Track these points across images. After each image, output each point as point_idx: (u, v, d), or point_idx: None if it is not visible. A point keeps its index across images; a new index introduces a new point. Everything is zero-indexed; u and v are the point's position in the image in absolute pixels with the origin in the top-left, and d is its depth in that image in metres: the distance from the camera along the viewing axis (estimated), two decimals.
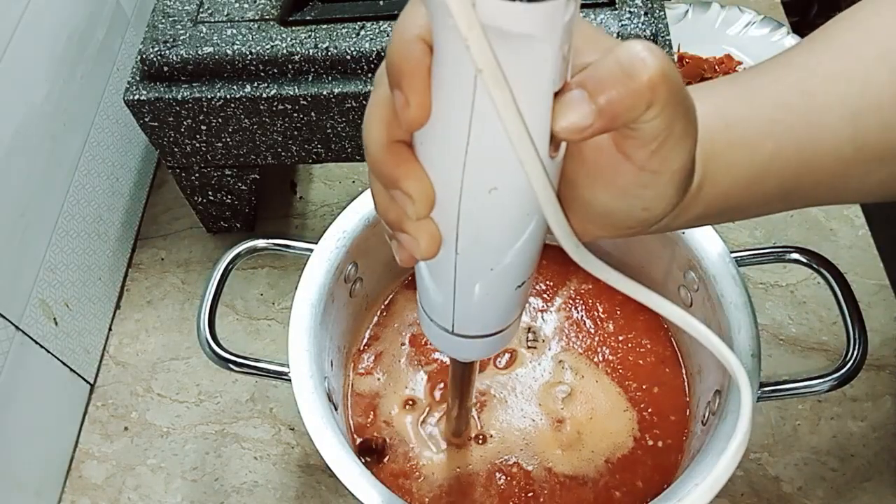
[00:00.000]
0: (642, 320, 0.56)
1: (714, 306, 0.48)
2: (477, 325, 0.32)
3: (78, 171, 0.61)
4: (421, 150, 0.24)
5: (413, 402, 0.54)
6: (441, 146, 0.24)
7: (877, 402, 0.58)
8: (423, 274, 0.31)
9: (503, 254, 0.27)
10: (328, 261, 0.50)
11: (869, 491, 0.54)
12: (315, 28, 0.54)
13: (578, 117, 0.22)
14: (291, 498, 0.56)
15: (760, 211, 0.33)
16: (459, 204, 0.25)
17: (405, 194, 0.24)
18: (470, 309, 0.31)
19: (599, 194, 0.26)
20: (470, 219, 0.25)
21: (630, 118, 0.23)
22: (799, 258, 0.50)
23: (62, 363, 0.58)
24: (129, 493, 0.58)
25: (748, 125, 0.30)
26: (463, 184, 0.24)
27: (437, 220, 0.26)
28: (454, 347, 0.34)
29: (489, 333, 0.33)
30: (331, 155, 0.59)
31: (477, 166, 0.24)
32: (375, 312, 0.58)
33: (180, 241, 0.70)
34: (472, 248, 0.27)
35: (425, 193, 0.24)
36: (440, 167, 0.24)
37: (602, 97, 0.22)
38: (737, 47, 0.78)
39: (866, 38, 0.31)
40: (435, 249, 0.26)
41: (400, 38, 0.22)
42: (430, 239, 0.26)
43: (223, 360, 0.48)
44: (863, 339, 0.46)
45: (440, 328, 0.33)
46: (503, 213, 0.25)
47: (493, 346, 0.33)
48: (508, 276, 0.29)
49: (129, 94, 0.55)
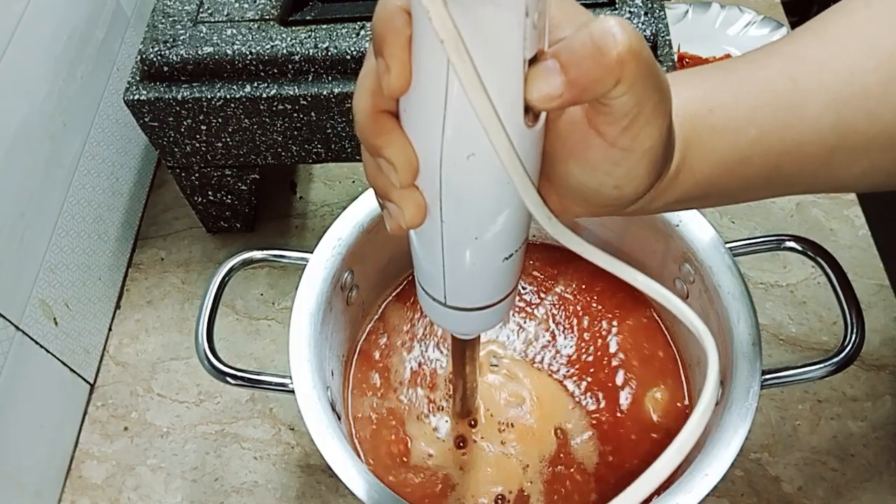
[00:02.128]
0: (642, 321, 0.56)
1: (711, 297, 0.49)
2: (468, 296, 0.33)
3: (78, 171, 0.61)
4: (404, 118, 0.25)
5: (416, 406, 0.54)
6: (421, 113, 0.24)
7: (877, 402, 0.58)
8: (415, 244, 0.31)
9: (487, 222, 0.28)
10: (325, 269, 0.50)
11: (869, 491, 0.54)
12: (315, 28, 0.54)
13: (549, 87, 0.23)
14: (292, 498, 0.56)
15: (742, 196, 0.33)
16: (440, 171, 0.25)
17: (388, 162, 0.25)
18: (460, 280, 0.31)
19: (573, 168, 0.27)
20: (451, 186, 0.26)
21: (598, 92, 0.23)
22: (794, 246, 0.50)
23: (62, 363, 0.58)
24: (128, 493, 0.58)
25: (732, 111, 0.30)
26: (443, 150, 0.25)
27: (421, 188, 0.27)
28: (448, 320, 0.34)
29: (481, 306, 0.33)
30: (331, 155, 0.59)
31: (454, 133, 0.24)
32: (371, 319, 0.58)
33: (180, 241, 0.70)
34: (456, 217, 0.27)
35: (408, 161, 0.25)
36: (422, 134, 0.25)
37: (573, 69, 0.22)
38: (737, 47, 0.78)
39: (856, 28, 0.31)
40: (420, 218, 0.27)
41: (384, 8, 0.23)
42: (415, 207, 0.27)
43: (222, 374, 0.47)
44: (860, 325, 0.46)
45: (434, 300, 0.33)
46: (482, 179, 0.26)
47: (487, 320, 0.34)
48: (494, 246, 0.29)
49: (129, 94, 0.55)
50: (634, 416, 0.53)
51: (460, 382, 0.46)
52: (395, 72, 0.23)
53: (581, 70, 0.22)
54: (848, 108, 0.30)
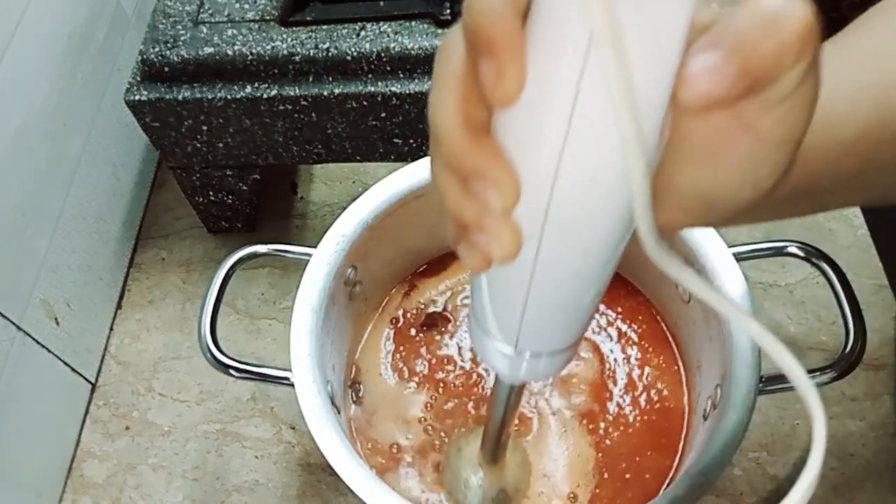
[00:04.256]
0: (641, 321, 0.57)
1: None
2: (546, 340, 0.28)
3: (79, 171, 0.61)
4: (504, 133, 0.21)
5: None
6: (533, 128, 0.20)
7: (876, 402, 0.58)
8: (487, 282, 0.27)
9: (591, 256, 0.24)
10: (328, 264, 0.50)
11: (868, 490, 0.55)
12: (315, 28, 0.54)
13: (714, 83, 0.19)
14: (292, 497, 0.57)
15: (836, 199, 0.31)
16: (550, 198, 0.21)
17: (492, 185, 0.21)
18: (542, 322, 0.27)
19: (703, 174, 0.23)
20: (560, 214, 0.22)
21: (775, 77, 0.20)
22: (796, 252, 0.50)
23: (63, 363, 0.58)
24: (130, 493, 0.58)
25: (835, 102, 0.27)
26: (558, 172, 0.21)
27: (517, 217, 0.22)
28: (513, 367, 0.29)
29: (557, 350, 0.29)
30: (331, 155, 0.60)
31: (577, 152, 0.20)
32: (375, 314, 0.58)
33: (181, 241, 0.70)
34: (556, 249, 0.23)
35: (515, 182, 0.21)
36: (530, 153, 0.21)
37: (745, 55, 0.19)
38: None
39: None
40: (518, 248, 0.23)
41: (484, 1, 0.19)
42: (513, 237, 0.22)
43: (225, 367, 0.48)
44: (862, 331, 0.46)
45: (500, 344, 0.28)
46: (599, 206, 0.22)
47: (556, 364, 0.29)
48: (590, 281, 0.25)
49: (130, 95, 0.55)
50: (634, 416, 0.53)
51: (497, 428, 0.41)
52: (512, 76, 0.19)
53: (757, 54, 0.19)
54: None
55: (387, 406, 0.54)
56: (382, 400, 0.54)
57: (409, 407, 0.54)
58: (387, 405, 0.54)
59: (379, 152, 0.59)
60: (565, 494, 0.50)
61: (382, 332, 0.57)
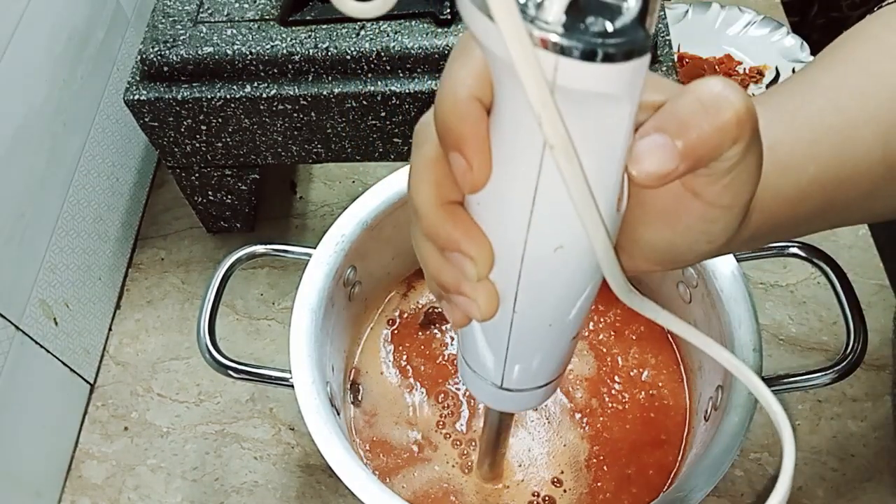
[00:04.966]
0: (641, 321, 0.57)
1: (713, 302, 0.49)
2: (529, 379, 0.31)
3: (78, 171, 0.61)
4: (477, 210, 0.24)
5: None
6: (503, 207, 0.23)
7: (877, 403, 0.58)
8: (472, 332, 0.30)
9: (564, 310, 0.27)
10: (327, 265, 0.50)
11: (869, 491, 0.54)
12: (315, 28, 0.54)
13: (661, 162, 0.22)
14: (292, 498, 0.56)
15: (796, 231, 0.33)
16: (521, 263, 0.24)
17: (466, 256, 0.24)
18: (523, 365, 0.30)
19: (662, 233, 0.25)
20: (531, 278, 0.24)
21: (715, 156, 0.22)
22: (798, 253, 0.50)
23: (62, 363, 0.58)
24: (128, 493, 0.58)
25: (791, 147, 0.29)
26: (527, 244, 0.23)
27: (494, 280, 0.25)
28: (500, 401, 0.33)
29: (539, 386, 0.32)
30: (331, 155, 0.59)
31: (542, 227, 0.23)
32: (374, 315, 0.58)
33: (180, 241, 0.70)
34: (531, 307, 0.26)
35: (487, 254, 0.24)
36: (501, 227, 0.23)
37: (687, 137, 0.21)
38: (737, 47, 0.78)
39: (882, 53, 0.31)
40: (494, 309, 0.25)
41: (453, 98, 0.22)
42: (490, 299, 0.25)
43: (224, 367, 0.48)
44: (863, 332, 0.46)
45: (486, 383, 0.32)
46: (568, 270, 0.25)
47: (541, 397, 0.32)
48: (566, 329, 0.28)
49: (130, 94, 0.55)
50: (634, 417, 0.53)
51: (491, 450, 0.44)
52: (479, 168, 0.22)
53: (697, 137, 0.21)
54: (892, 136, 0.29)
55: (386, 407, 0.54)
56: (382, 400, 0.54)
57: (408, 408, 0.54)
58: (386, 406, 0.54)
59: (379, 152, 0.59)
60: (548, 480, 0.50)
61: (381, 332, 0.57)
